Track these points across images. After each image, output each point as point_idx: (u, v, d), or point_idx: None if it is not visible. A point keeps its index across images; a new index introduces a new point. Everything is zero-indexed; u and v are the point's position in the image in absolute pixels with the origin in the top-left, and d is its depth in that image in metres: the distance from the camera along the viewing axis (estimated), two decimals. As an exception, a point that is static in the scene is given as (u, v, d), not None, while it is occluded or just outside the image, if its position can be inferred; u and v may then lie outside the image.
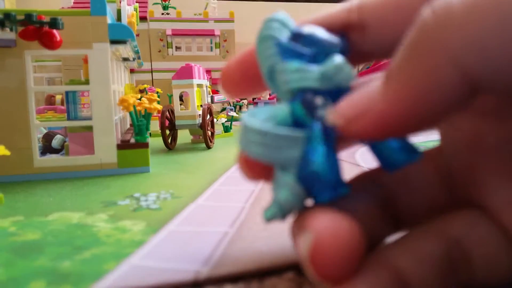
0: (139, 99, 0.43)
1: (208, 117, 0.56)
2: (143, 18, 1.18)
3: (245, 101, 1.06)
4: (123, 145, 0.40)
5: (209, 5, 1.31)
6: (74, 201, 0.29)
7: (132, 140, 0.42)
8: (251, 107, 1.05)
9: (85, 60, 0.48)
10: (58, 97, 0.76)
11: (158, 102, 0.45)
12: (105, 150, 0.39)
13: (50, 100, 0.76)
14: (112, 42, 0.39)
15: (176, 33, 1.24)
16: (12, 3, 1.36)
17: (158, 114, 0.62)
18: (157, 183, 0.35)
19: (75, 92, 0.43)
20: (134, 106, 0.42)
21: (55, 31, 0.36)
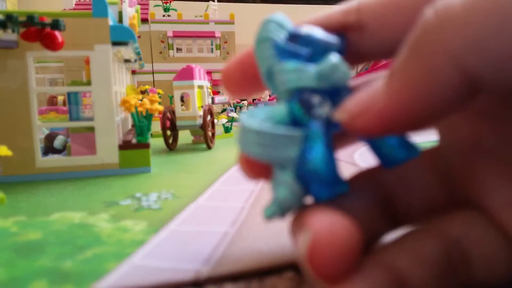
0: (141, 100, 0.43)
1: (208, 118, 0.56)
2: (144, 20, 1.18)
3: (245, 102, 1.06)
4: (125, 146, 0.40)
5: (210, 7, 1.31)
6: (76, 201, 0.30)
7: (134, 141, 0.42)
8: (251, 108, 1.05)
9: (87, 62, 0.48)
10: (60, 98, 0.77)
11: (159, 103, 0.45)
12: (107, 150, 0.39)
13: (52, 101, 0.77)
14: (114, 43, 0.39)
15: (177, 35, 1.25)
16: (14, 5, 1.37)
17: (159, 115, 0.62)
18: (158, 183, 0.35)
19: (77, 93, 0.43)
20: (135, 107, 0.42)
21: (57, 32, 0.36)
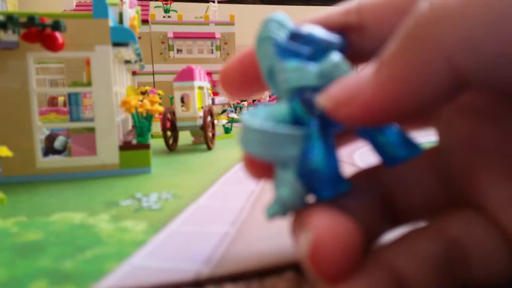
0: (141, 101, 0.43)
1: (209, 118, 0.57)
2: (145, 21, 1.18)
3: (245, 103, 1.06)
4: (125, 146, 0.40)
5: (210, 8, 1.32)
6: (76, 202, 0.30)
7: (134, 141, 0.42)
8: (251, 108, 1.05)
9: (87, 62, 0.48)
10: (60, 99, 0.77)
11: (159, 104, 0.45)
12: (107, 151, 0.39)
13: (52, 102, 0.77)
14: (114, 44, 0.39)
15: (177, 36, 1.25)
16: (15, 6, 1.37)
17: (160, 116, 0.62)
18: (159, 183, 0.35)
19: (78, 94, 0.43)
20: (136, 108, 0.42)
21: (57, 33, 0.36)
